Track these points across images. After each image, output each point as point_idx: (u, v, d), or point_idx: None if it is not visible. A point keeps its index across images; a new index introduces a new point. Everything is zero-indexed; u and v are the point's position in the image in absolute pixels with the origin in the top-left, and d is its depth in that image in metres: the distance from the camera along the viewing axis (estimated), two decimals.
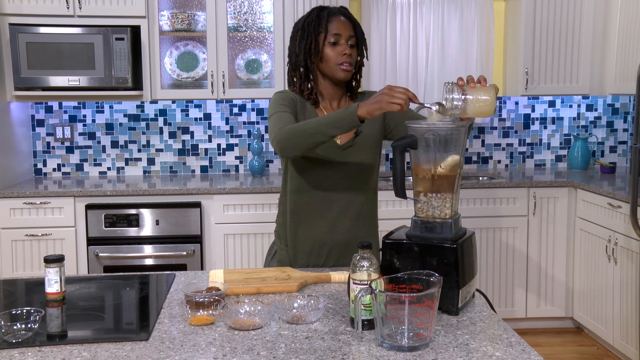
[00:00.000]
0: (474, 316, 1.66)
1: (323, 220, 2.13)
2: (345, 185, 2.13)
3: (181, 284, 1.97)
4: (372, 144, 2.16)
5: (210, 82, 4.07)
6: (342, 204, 2.14)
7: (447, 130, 1.73)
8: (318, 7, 2.12)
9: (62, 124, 4.37)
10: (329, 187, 2.13)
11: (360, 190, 2.16)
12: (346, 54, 2.05)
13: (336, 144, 2.11)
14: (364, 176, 2.16)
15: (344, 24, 2.07)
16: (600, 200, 3.72)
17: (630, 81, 3.90)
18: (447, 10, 4.39)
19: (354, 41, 2.09)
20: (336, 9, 2.12)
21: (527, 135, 4.64)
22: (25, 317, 1.58)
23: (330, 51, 2.06)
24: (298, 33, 2.11)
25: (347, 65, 2.06)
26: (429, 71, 4.43)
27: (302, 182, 2.13)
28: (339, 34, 2.06)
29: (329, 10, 2.10)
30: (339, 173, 2.12)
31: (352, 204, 2.15)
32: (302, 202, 2.14)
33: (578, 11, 4.22)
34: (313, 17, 2.09)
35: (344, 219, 2.15)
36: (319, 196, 2.13)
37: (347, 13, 2.12)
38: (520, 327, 4.13)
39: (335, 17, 2.08)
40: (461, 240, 1.69)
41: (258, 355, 1.42)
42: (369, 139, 2.15)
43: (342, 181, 2.13)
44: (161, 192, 3.81)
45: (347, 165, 2.12)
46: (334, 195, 2.13)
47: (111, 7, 3.90)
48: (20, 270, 3.79)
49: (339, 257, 2.18)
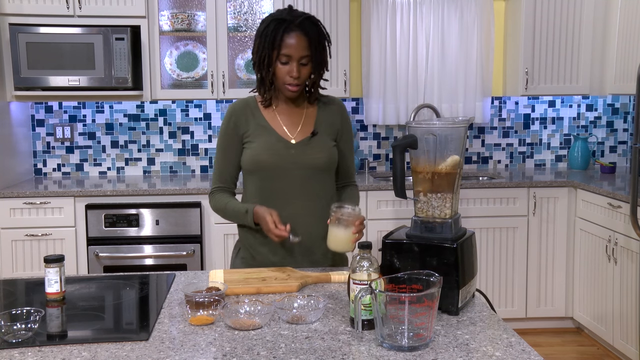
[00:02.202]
0: (474, 316, 1.66)
1: (283, 220, 2.09)
2: (300, 184, 2.13)
3: (181, 284, 1.97)
4: (328, 146, 2.18)
5: (210, 82, 4.07)
6: (300, 203, 2.14)
7: (447, 130, 1.73)
8: (277, 19, 2.05)
9: (62, 124, 4.37)
10: (285, 187, 2.13)
11: (315, 191, 2.16)
12: (293, 76, 2.04)
13: (290, 143, 2.13)
14: (320, 177, 2.16)
15: (298, 43, 2.02)
16: (600, 200, 3.72)
17: (630, 81, 3.90)
18: (447, 10, 4.39)
19: (308, 60, 2.06)
20: (297, 21, 2.03)
21: (527, 135, 4.64)
22: (25, 317, 1.58)
23: (280, 69, 2.06)
24: (257, 41, 2.09)
25: (294, 86, 2.07)
26: (429, 71, 4.43)
27: (258, 185, 2.15)
28: (289, 55, 2.03)
29: (287, 25, 2.03)
30: (293, 172, 2.13)
31: (310, 202, 2.15)
32: (260, 203, 2.13)
33: (578, 11, 4.22)
34: (270, 29, 2.04)
35: (302, 217, 2.13)
36: (276, 196, 2.13)
37: (306, 27, 2.03)
38: (520, 327, 4.13)
39: (290, 35, 2.02)
40: (461, 240, 1.69)
41: (258, 355, 1.42)
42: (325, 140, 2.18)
43: (298, 180, 2.13)
44: (161, 192, 3.81)
45: (301, 164, 2.13)
46: (290, 195, 2.14)
47: (111, 7, 3.90)
48: (20, 270, 3.79)
49: (302, 256, 2.16)
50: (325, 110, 2.21)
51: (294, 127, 2.16)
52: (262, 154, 2.11)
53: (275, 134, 2.14)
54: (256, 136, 2.13)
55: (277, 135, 2.13)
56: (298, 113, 2.18)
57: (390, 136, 4.56)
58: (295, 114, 2.17)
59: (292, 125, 2.16)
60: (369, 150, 4.56)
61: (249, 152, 2.13)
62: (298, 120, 2.17)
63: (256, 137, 2.13)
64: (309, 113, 2.19)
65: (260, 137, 2.13)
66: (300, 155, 2.12)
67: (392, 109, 4.43)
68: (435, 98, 4.45)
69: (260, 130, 2.14)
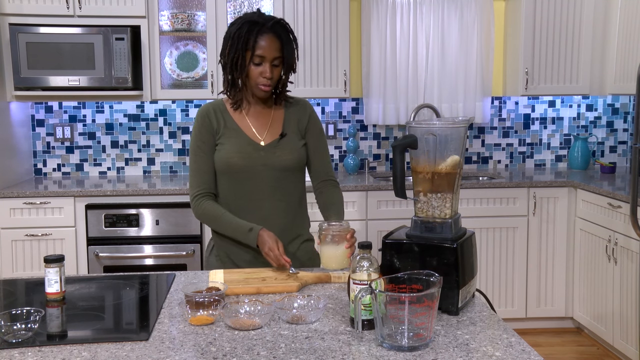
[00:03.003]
0: (474, 316, 1.66)
1: (256, 220, 2.13)
2: (271, 185, 2.16)
3: (181, 284, 1.97)
4: (297, 146, 2.20)
5: (210, 82, 4.07)
6: (272, 203, 2.17)
7: (447, 130, 1.73)
8: (250, 21, 2.09)
9: (62, 124, 4.37)
10: (256, 188, 2.16)
11: (287, 191, 2.20)
12: (266, 77, 2.09)
13: (259, 145, 2.16)
14: (290, 177, 2.19)
15: (271, 44, 2.07)
16: (600, 200, 3.72)
17: (630, 81, 3.90)
18: (447, 10, 4.38)
19: (279, 61, 2.11)
20: (269, 24, 2.08)
21: (527, 135, 4.64)
22: (25, 317, 1.58)
23: (253, 70, 2.10)
24: (228, 42, 2.12)
25: (266, 86, 2.11)
26: (429, 71, 4.43)
27: (230, 186, 2.17)
28: (263, 56, 2.07)
29: (259, 27, 2.07)
30: (264, 174, 2.15)
31: (282, 202, 2.18)
32: (231, 203, 2.17)
33: (578, 11, 4.22)
34: (243, 31, 2.08)
35: (275, 216, 2.18)
36: (248, 197, 2.16)
37: (278, 30, 2.09)
38: (520, 327, 4.13)
39: (264, 36, 2.07)
40: (461, 240, 1.69)
41: (258, 355, 1.42)
42: (293, 140, 2.20)
43: (269, 181, 2.16)
44: (161, 192, 3.81)
45: (271, 166, 2.15)
46: (262, 195, 2.16)
47: (111, 7, 3.90)
48: (20, 270, 3.79)
49: None
50: (292, 110, 2.25)
51: (262, 129, 2.19)
52: (233, 156, 2.14)
53: (244, 136, 2.17)
54: (227, 138, 2.17)
55: (247, 137, 2.17)
56: (266, 115, 2.22)
57: (390, 136, 4.56)
58: (264, 116, 2.21)
59: (261, 127, 2.20)
60: (369, 150, 4.56)
61: (220, 154, 2.16)
62: (266, 121, 2.21)
63: (227, 140, 2.17)
64: (277, 114, 2.23)
65: (230, 139, 2.16)
66: (269, 157, 2.16)
67: (392, 109, 4.43)
68: (435, 98, 4.45)
69: (230, 133, 2.17)
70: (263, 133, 2.19)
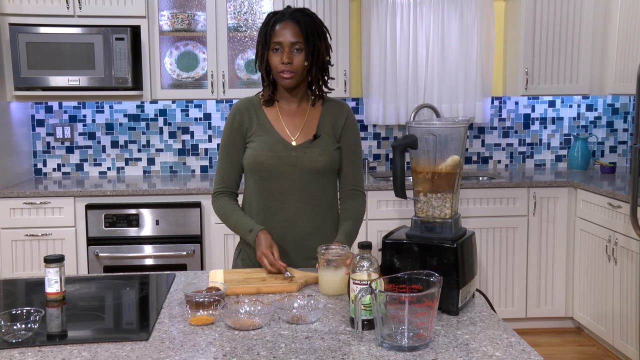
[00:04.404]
0: (474, 316, 1.66)
1: (280, 221, 2.11)
2: (299, 186, 2.12)
3: (181, 284, 1.97)
4: (330, 149, 2.16)
5: (210, 82, 4.07)
6: (298, 205, 2.13)
7: (447, 130, 1.73)
8: (272, 12, 2.11)
9: (62, 124, 4.37)
10: (284, 189, 2.12)
11: (315, 193, 2.15)
12: (284, 62, 2.04)
13: (290, 145, 2.12)
14: (320, 180, 2.15)
15: (288, 30, 2.04)
16: (600, 200, 3.72)
17: (630, 81, 3.90)
18: (447, 10, 4.38)
19: (300, 46, 2.05)
20: (287, 12, 2.07)
21: (527, 135, 4.64)
22: (25, 317, 1.58)
23: (273, 58, 2.07)
24: (257, 39, 2.13)
25: (287, 73, 2.06)
26: (429, 71, 4.43)
27: (257, 184, 2.15)
28: (280, 42, 2.04)
29: (277, 15, 2.07)
30: (293, 174, 2.12)
31: (309, 205, 2.14)
32: (257, 201, 2.15)
33: (578, 11, 4.22)
34: (264, 23, 2.09)
35: (300, 219, 2.14)
36: (275, 197, 2.13)
37: (297, 16, 2.05)
38: (520, 327, 4.13)
39: (280, 23, 2.05)
40: (461, 240, 1.69)
41: (258, 355, 1.42)
42: (327, 143, 2.16)
43: (297, 182, 2.12)
44: (161, 192, 3.81)
45: (300, 167, 2.11)
46: (289, 196, 2.13)
47: (111, 7, 3.90)
48: (20, 270, 3.79)
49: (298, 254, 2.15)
50: (329, 112, 2.19)
51: (295, 129, 2.15)
52: (262, 154, 2.11)
53: (276, 134, 2.13)
54: (258, 136, 2.14)
55: (278, 136, 2.13)
56: (301, 114, 2.17)
57: (390, 136, 4.56)
58: (298, 115, 2.17)
59: (294, 126, 2.16)
60: (369, 150, 4.56)
61: (250, 152, 2.14)
62: (300, 121, 2.16)
63: (257, 137, 2.14)
64: (312, 114, 2.18)
65: (261, 137, 2.13)
66: (300, 158, 2.11)
67: (392, 109, 4.43)
68: (435, 98, 4.45)
69: (261, 130, 2.14)
70: (296, 133, 2.14)
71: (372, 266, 1.59)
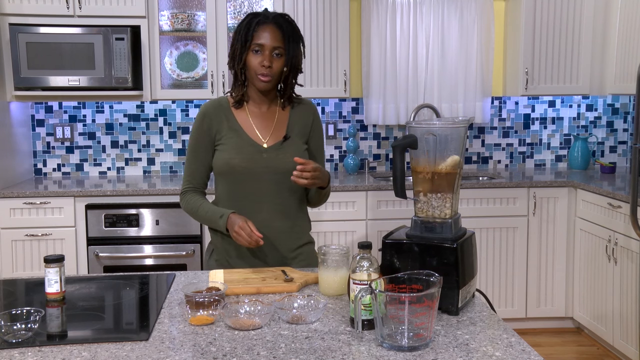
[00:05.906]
0: (474, 316, 1.66)
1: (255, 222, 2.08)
2: (272, 188, 2.13)
3: (181, 284, 1.97)
4: (300, 150, 2.17)
5: (210, 82, 4.07)
6: (272, 206, 2.14)
7: (447, 130, 1.73)
8: (253, 13, 2.11)
9: (62, 124, 4.37)
10: (256, 191, 2.13)
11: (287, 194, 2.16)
12: (265, 65, 2.05)
13: (262, 147, 2.13)
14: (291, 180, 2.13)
15: (271, 34, 2.06)
16: (600, 200, 3.72)
17: (630, 81, 3.90)
18: (447, 10, 4.38)
19: (281, 52, 2.07)
20: (271, 16, 2.08)
21: (527, 135, 4.64)
22: (25, 317, 1.58)
23: (252, 59, 2.07)
24: (233, 38, 2.12)
25: (265, 76, 2.07)
26: (429, 71, 4.43)
27: (229, 187, 2.15)
28: (262, 44, 2.05)
29: (260, 18, 2.08)
30: (265, 176, 2.12)
31: (280, 205, 2.15)
32: (230, 205, 2.14)
33: (578, 11, 4.22)
34: (244, 23, 2.09)
35: (275, 219, 2.15)
36: (247, 199, 2.13)
37: (279, 21, 2.08)
38: (520, 327, 4.13)
39: (264, 26, 2.06)
40: (461, 240, 1.69)
41: (258, 355, 1.42)
42: (297, 143, 2.17)
43: (269, 184, 2.13)
44: (161, 192, 3.81)
45: (273, 169, 2.12)
46: (261, 198, 2.13)
47: (111, 7, 3.90)
48: (20, 270, 3.79)
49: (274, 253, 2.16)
50: (297, 112, 2.21)
51: (266, 131, 2.16)
52: (234, 157, 2.11)
53: (247, 137, 2.14)
54: (228, 139, 2.14)
55: (249, 138, 2.14)
56: (270, 116, 2.18)
57: (390, 136, 4.56)
58: (268, 117, 2.18)
59: (264, 128, 2.17)
60: (369, 150, 4.56)
61: (221, 155, 2.13)
62: (270, 123, 2.18)
63: (228, 140, 2.14)
64: (281, 116, 2.19)
65: (232, 140, 2.13)
66: (272, 160, 2.13)
67: (392, 109, 4.43)
68: (435, 98, 4.45)
69: (232, 133, 2.14)
70: (266, 135, 2.15)
71: (372, 266, 1.59)
